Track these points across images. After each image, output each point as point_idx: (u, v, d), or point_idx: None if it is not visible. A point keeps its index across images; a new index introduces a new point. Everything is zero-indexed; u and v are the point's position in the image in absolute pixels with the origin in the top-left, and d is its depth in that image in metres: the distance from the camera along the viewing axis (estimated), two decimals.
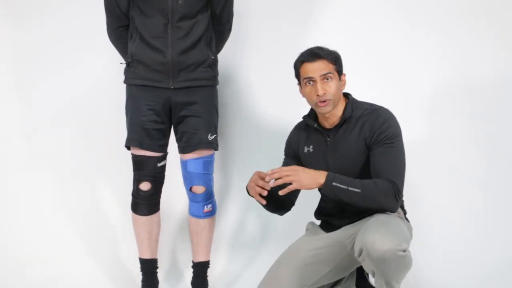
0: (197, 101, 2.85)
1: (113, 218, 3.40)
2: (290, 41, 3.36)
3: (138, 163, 2.88)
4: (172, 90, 2.82)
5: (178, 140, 2.91)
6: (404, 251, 2.35)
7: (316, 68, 2.56)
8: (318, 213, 2.80)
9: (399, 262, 2.36)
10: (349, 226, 2.61)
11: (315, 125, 2.64)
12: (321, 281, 2.71)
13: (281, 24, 3.38)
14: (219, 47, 3.02)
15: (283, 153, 2.78)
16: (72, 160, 3.44)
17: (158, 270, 3.03)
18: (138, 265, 3.01)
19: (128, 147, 2.91)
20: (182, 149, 2.89)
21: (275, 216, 3.27)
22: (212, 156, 2.91)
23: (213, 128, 2.90)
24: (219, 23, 2.93)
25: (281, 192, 2.43)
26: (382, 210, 2.48)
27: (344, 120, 2.59)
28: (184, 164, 2.89)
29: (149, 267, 3.00)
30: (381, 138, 2.52)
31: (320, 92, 2.54)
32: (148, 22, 2.78)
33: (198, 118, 2.85)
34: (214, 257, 3.09)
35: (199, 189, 2.91)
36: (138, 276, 3.05)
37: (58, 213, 3.41)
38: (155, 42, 2.77)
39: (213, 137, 2.88)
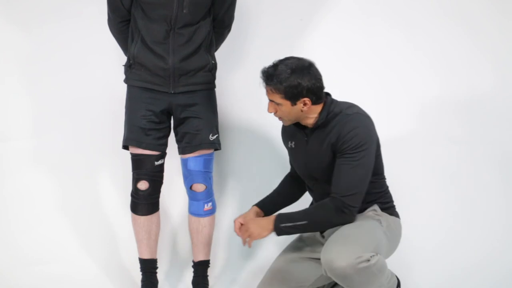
0: (197, 102, 2.87)
1: (113, 218, 3.39)
2: (290, 42, 3.38)
3: (137, 162, 2.88)
4: (172, 94, 2.84)
5: (178, 141, 2.92)
6: (368, 260, 2.36)
7: (266, 90, 2.58)
8: None
9: (364, 273, 2.37)
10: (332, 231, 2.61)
11: (296, 124, 2.66)
12: (319, 281, 2.73)
13: (281, 25, 3.39)
14: (217, 46, 3.03)
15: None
16: (72, 160, 3.43)
17: (158, 270, 3.03)
18: (138, 265, 3.01)
19: (126, 147, 2.91)
20: (183, 150, 2.90)
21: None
22: (212, 154, 2.92)
23: (215, 128, 2.91)
24: (220, 26, 2.95)
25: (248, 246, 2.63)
26: (339, 225, 2.53)
27: (321, 123, 2.58)
28: (184, 162, 2.90)
29: (148, 267, 3.00)
30: (344, 148, 2.51)
31: (268, 111, 2.60)
32: (151, 27, 2.78)
33: (199, 119, 2.86)
34: (214, 256, 3.09)
35: (199, 187, 2.91)
36: (137, 276, 3.05)
37: (58, 213, 3.39)
38: (156, 48, 2.78)
39: (214, 137, 2.89)
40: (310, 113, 2.57)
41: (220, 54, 2.99)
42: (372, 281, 2.43)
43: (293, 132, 2.71)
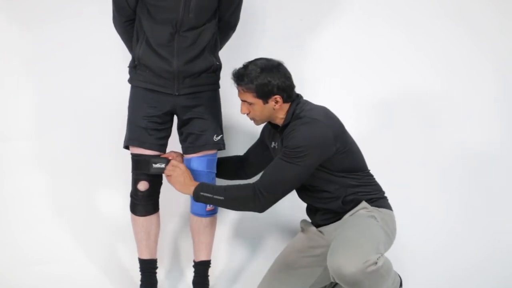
0: (201, 103, 2.87)
1: (113, 218, 3.38)
2: (292, 42, 3.40)
3: (137, 162, 2.87)
4: (176, 96, 2.84)
5: (182, 141, 2.91)
6: (376, 263, 2.37)
7: (238, 91, 2.67)
8: (306, 211, 2.86)
9: (374, 276, 2.38)
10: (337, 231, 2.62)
11: (273, 126, 2.76)
12: (320, 281, 2.73)
13: (284, 25, 3.40)
14: (222, 45, 3.02)
15: None
16: (72, 160, 3.42)
17: (159, 269, 3.02)
18: (137, 265, 3.00)
19: (127, 148, 2.91)
20: (186, 150, 2.89)
21: (275, 215, 3.30)
22: (215, 154, 2.91)
23: (219, 129, 2.91)
24: (226, 27, 2.94)
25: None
26: (250, 211, 2.63)
27: (286, 123, 2.65)
28: (187, 162, 2.89)
29: (148, 267, 2.99)
30: (283, 150, 2.58)
31: (241, 112, 2.70)
32: (155, 29, 2.77)
33: (203, 120, 2.86)
34: (215, 256, 3.08)
35: None
36: (137, 276, 3.03)
37: (58, 213, 3.39)
38: (161, 50, 2.77)
39: (219, 137, 2.89)
40: (281, 111, 2.65)
41: (224, 54, 2.99)
42: (381, 284, 2.43)
43: (274, 132, 2.77)
